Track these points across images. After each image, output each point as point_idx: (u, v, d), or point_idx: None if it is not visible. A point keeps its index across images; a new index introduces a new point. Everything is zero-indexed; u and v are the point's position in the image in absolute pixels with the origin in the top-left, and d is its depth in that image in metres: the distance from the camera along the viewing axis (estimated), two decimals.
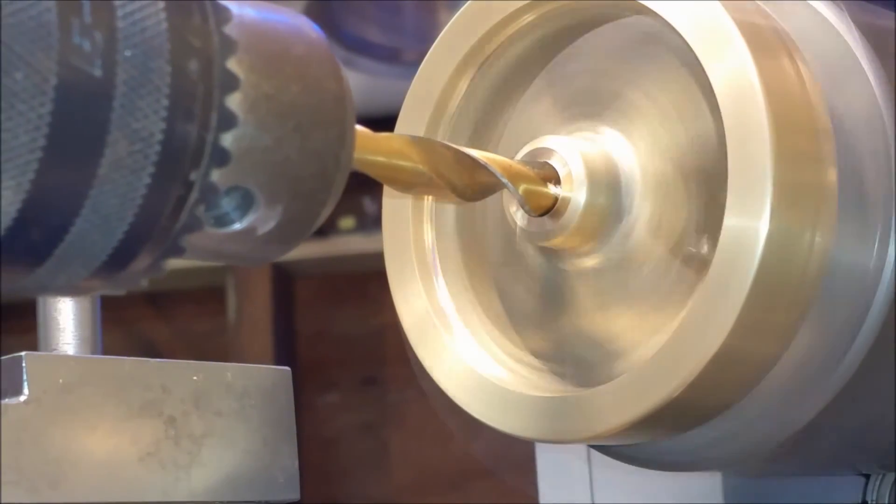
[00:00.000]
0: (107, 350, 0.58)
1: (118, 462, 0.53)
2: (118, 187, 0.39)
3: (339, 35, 2.44)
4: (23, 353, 0.52)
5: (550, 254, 0.62)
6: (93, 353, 0.58)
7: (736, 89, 0.55)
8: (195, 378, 0.56)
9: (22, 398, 0.51)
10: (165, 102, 0.39)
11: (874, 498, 0.72)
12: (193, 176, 0.41)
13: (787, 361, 0.57)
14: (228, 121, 0.41)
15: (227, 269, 2.65)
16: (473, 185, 0.56)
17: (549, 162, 0.59)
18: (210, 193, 0.42)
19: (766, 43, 0.56)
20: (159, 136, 0.39)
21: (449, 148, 0.55)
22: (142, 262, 0.41)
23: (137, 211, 0.40)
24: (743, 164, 0.54)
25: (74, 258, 0.40)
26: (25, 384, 0.51)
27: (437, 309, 0.64)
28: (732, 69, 0.55)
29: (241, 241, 0.45)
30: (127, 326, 2.76)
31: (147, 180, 0.40)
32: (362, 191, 2.45)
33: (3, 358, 0.52)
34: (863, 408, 0.61)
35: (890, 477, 0.72)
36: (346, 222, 2.65)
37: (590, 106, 0.62)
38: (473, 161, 0.56)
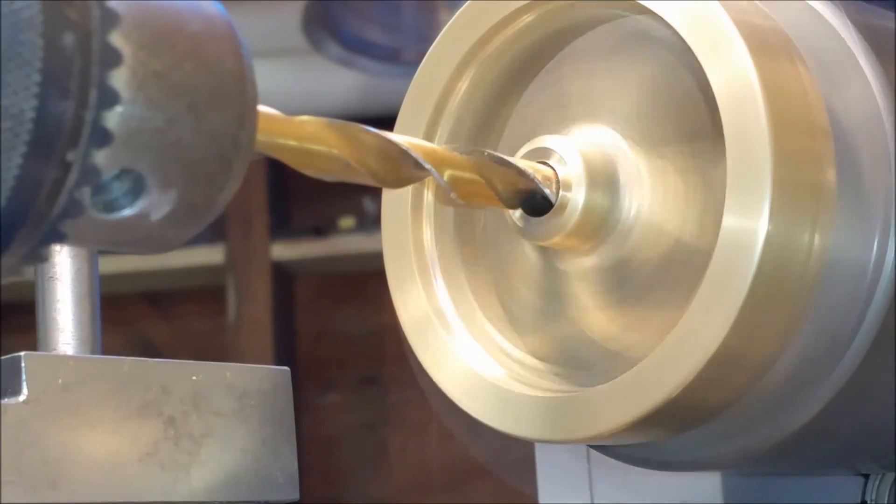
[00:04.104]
0: (107, 350, 0.58)
1: (118, 462, 0.53)
2: None
3: (339, 35, 2.44)
4: (22, 353, 0.52)
5: (549, 254, 0.62)
6: (92, 353, 0.58)
7: (735, 89, 0.55)
8: (195, 378, 0.56)
9: (21, 398, 0.51)
10: (37, 78, 0.37)
11: (874, 498, 0.72)
12: (71, 157, 0.39)
13: (786, 361, 0.57)
14: (110, 98, 0.39)
15: (227, 269, 2.65)
16: (396, 172, 0.55)
17: (549, 161, 0.59)
18: (92, 176, 0.40)
19: (765, 43, 0.56)
20: (31, 114, 0.37)
21: (370, 133, 0.54)
22: (18, 249, 0.39)
23: (10, 194, 0.38)
24: (742, 164, 0.54)
25: None
26: (25, 384, 0.51)
27: (436, 309, 0.64)
28: (732, 69, 0.55)
29: (133, 228, 0.43)
30: (127, 326, 2.76)
31: (19, 161, 0.38)
32: (362, 191, 2.45)
33: (2, 358, 0.52)
34: (862, 407, 0.61)
35: (890, 477, 0.72)
36: (346, 222, 2.65)
37: (589, 105, 0.62)
38: (396, 147, 0.54)
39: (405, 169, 0.55)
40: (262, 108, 0.47)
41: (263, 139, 0.48)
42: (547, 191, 0.59)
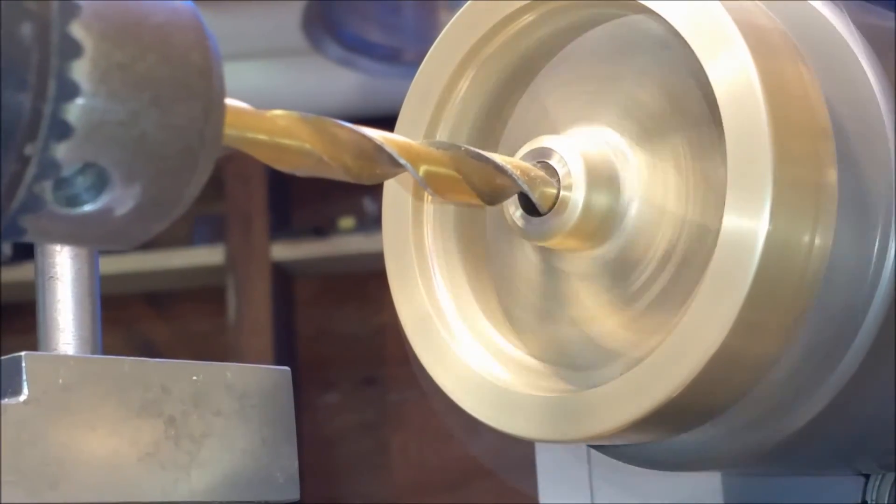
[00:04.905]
0: (107, 350, 0.58)
1: (118, 462, 0.53)
2: None
3: (339, 35, 2.44)
4: (22, 353, 0.52)
5: (550, 253, 0.62)
6: (92, 353, 0.58)
7: (736, 89, 0.55)
8: (195, 378, 0.56)
9: (22, 398, 0.51)
10: None
11: (874, 498, 0.72)
12: (29, 150, 0.38)
13: (786, 361, 0.57)
14: (70, 90, 0.38)
15: (227, 269, 2.65)
16: (370, 168, 0.54)
17: (549, 162, 0.59)
18: (52, 170, 0.39)
19: (766, 43, 0.56)
20: None
21: (344, 128, 0.53)
22: None
23: None
24: (742, 164, 0.54)
25: None
26: (25, 384, 0.51)
27: (436, 309, 0.64)
28: (732, 69, 0.55)
29: (96, 223, 0.42)
30: (127, 326, 2.76)
31: None
32: (362, 191, 2.45)
33: (3, 358, 0.52)
34: (862, 408, 0.61)
35: (890, 477, 0.72)
36: (346, 222, 2.65)
37: (590, 105, 0.62)
38: (371, 142, 0.53)
39: (380, 164, 0.54)
40: (230, 101, 0.46)
41: (233, 133, 0.47)
42: (525, 187, 0.58)
